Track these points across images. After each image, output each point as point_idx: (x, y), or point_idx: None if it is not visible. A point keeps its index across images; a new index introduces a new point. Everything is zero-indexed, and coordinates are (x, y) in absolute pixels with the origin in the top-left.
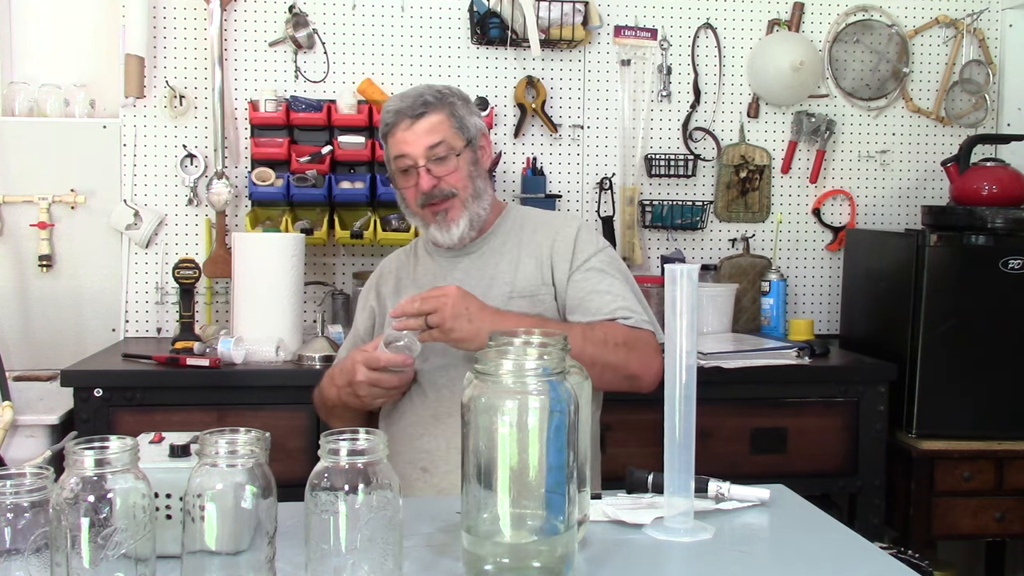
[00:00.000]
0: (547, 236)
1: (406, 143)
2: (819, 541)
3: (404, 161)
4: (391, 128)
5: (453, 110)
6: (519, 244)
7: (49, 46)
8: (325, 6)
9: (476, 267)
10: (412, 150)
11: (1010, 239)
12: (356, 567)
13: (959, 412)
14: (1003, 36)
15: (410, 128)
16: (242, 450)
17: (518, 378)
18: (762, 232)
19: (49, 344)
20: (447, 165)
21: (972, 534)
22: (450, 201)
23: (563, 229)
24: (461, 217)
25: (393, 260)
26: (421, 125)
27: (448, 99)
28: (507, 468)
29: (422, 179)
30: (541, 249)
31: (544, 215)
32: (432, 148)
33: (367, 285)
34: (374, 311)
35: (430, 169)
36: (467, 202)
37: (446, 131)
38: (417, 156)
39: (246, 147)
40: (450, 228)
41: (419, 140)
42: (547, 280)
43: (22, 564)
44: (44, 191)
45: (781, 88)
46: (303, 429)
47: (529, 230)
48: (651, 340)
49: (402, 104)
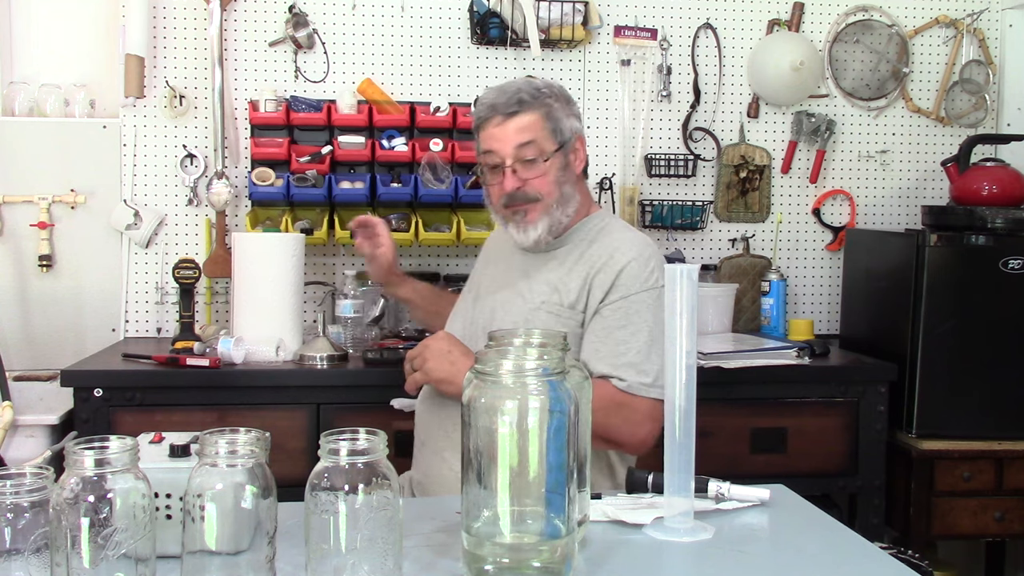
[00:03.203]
0: (600, 257)
1: (495, 140)
2: (819, 541)
3: (491, 158)
4: (483, 122)
5: (549, 111)
6: (579, 258)
7: (49, 46)
8: (325, 6)
9: (534, 266)
10: (500, 148)
11: (1010, 239)
12: (356, 567)
13: (959, 412)
14: (1003, 36)
15: (501, 125)
16: (242, 450)
17: (518, 378)
18: (762, 232)
19: (49, 344)
20: (535, 168)
21: (972, 534)
22: (532, 205)
23: (617, 255)
24: (540, 221)
25: (495, 239)
26: (513, 124)
27: (545, 98)
28: (507, 468)
29: (507, 180)
30: (591, 268)
31: (614, 235)
32: (521, 148)
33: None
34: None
35: (516, 170)
36: (550, 208)
37: (538, 132)
38: (505, 155)
39: (246, 147)
40: (527, 230)
41: (509, 139)
42: (580, 306)
43: (22, 564)
44: (44, 191)
45: (781, 88)
46: (303, 429)
47: (597, 247)
48: (643, 407)
49: (497, 99)
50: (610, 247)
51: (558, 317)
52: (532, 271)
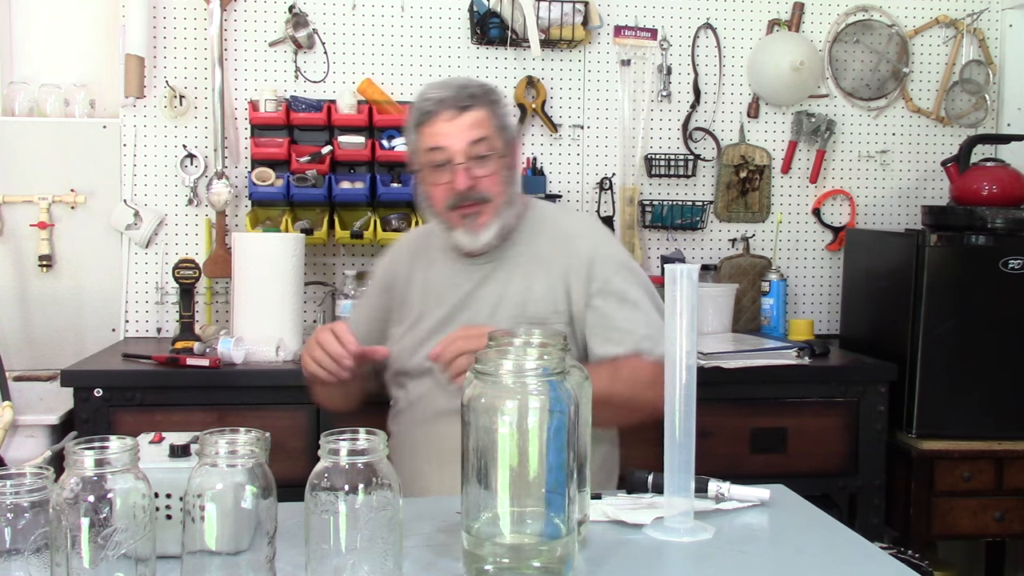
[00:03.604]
0: (562, 254)
1: (446, 135)
2: (819, 541)
3: (439, 155)
4: (429, 117)
5: (497, 108)
6: (534, 259)
7: (49, 46)
8: (325, 6)
9: (489, 281)
10: (452, 144)
11: (1010, 239)
12: (356, 567)
13: (959, 412)
14: (1003, 36)
15: (452, 120)
16: (242, 450)
17: (518, 378)
18: (762, 232)
19: (49, 344)
20: (486, 166)
21: (972, 534)
22: (483, 206)
23: (579, 245)
24: (492, 223)
25: (406, 250)
26: (465, 119)
27: (492, 96)
28: (507, 468)
29: (459, 178)
30: (554, 269)
31: (560, 222)
32: (474, 144)
33: (380, 272)
34: (385, 303)
35: (469, 168)
36: (500, 209)
37: (489, 129)
38: (456, 152)
39: (246, 147)
40: (479, 233)
41: (462, 134)
42: (560, 307)
43: (22, 564)
44: (44, 191)
45: (781, 88)
46: (303, 429)
47: (545, 241)
48: None
49: (445, 93)
50: (566, 241)
51: (542, 326)
52: (482, 292)
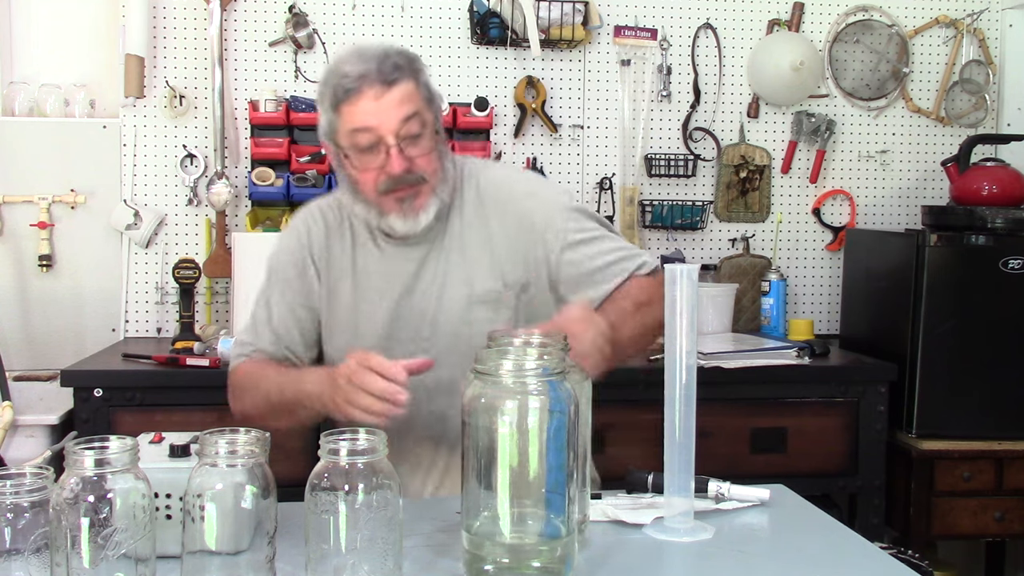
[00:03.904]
0: (502, 224)
1: (373, 114)
2: (819, 541)
3: (366, 137)
4: (351, 95)
5: (422, 77)
6: (473, 233)
7: (49, 46)
8: (325, 6)
9: (429, 262)
10: (382, 124)
11: (1010, 239)
12: (356, 567)
13: (959, 412)
14: (1003, 36)
15: (380, 97)
16: (242, 450)
17: (518, 378)
18: (762, 232)
19: (49, 344)
20: (420, 144)
21: (972, 534)
22: (419, 187)
23: (521, 209)
24: (430, 204)
25: (319, 227)
26: (394, 94)
27: (416, 64)
28: (507, 468)
29: (393, 161)
30: (498, 241)
31: (493, 190)
32: (405, 122)
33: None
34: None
35: (402, 149)
36: (437, 187)
37: (418, 102)
38: (387, 132)
39: (246, 147)
40: (417, 216)
41: (391, 112)
42: (510, 279)
43: (22, 564)
44: (44, 191)
45: (781, 88)
46: (303, 429)
47: (483, 212)
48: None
49: (366, 66)
50: (502, 210)
51: (495, 304)
52: (426, 272)
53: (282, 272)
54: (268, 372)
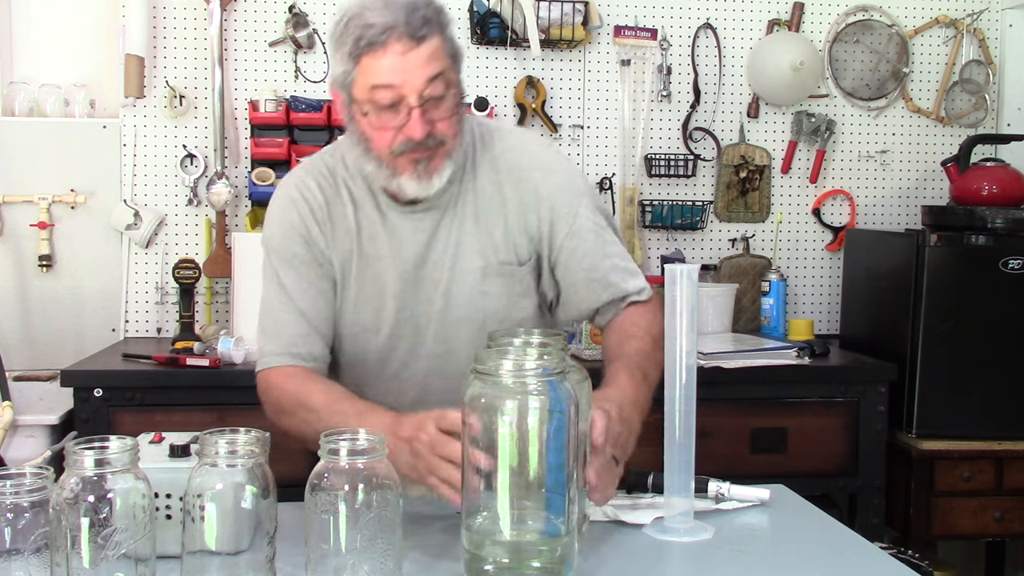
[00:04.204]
0: (516, 192)
1: (398, 73)
2: (819, 541)
3: (387, 94)
4: (375, 48)
5: (448, 31)
6: (486, 200)
7: (49, 46)
8: (325, 6)
9: (442, 229)
10: (406, 83)
11: (1010, 239)
12: (356, 567)
13: (959, 412)
14: (1003, 36)
15: (407, 53)
16: (242, 450)
17: (518, 378)
18: (762, 232)
19: (49, 344)
20: (442, 107)
21: (972, 534)
22: (435, 150)
23: (535, 182)
24: (444, 168)
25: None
26: (422, 52)
27: (443, 17)
28: (507, 468)
29: (414, 123)
30: (511, 209)
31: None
32: (431, 83)
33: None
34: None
35: (425, 111)
36: (452, 152)
37: (445, 61)
38: (411, 92)
39: (246, 147)
40: (431, 179)
41: (417, 72)
42: (522, 253)
43: (22, 564)
44: (44, 191)
45: (781, 88)
46: None
47: (497, 179)
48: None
49: (393, 16)
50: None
51: (510, 278)
52: (438, 241)
53: (287, 249)
54: (315, 400)
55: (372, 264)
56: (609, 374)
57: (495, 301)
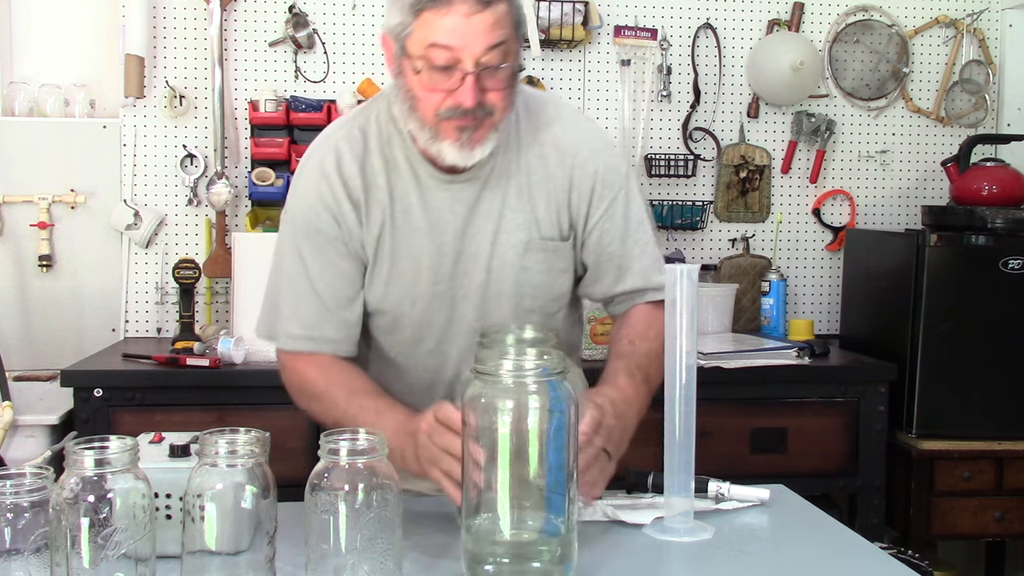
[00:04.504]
0: (560, 166)
1: (459, 35)
2: (819, 541)
3: (443, 55)
4: (439, 5)
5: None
6: (530, 174)
7: (49, 46)
8: (325, 6)
9: (483, 201)
10: (466, 47)
11: (1010, 239)
12: (356, 567)
13: (959, 412)
14: (1003, 36)
15: (472, 16)
16: (242, 450)
17: (518, 378)
18: (762, 232)
19: (49, 344)
20: (498, 76)
21: (972, 534)
22: (483, 120)
23: (580, 159)
24: (488, 139)
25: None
26: (487, 17)
27: None
28: (507, 468)
29: (466, 90)
30: (556, 184)
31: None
32: (491, 51)
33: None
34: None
35: (480, 79)
36: (499, 124)
37: (507, 29)
38: (469, 58)
39: (246, 147)
40: (473, 150)
41: (480, 37)
42: (564, 230)
43: (22, 564)
44: (44, 191)
45: (781, 88)
46: (303, 429)
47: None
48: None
49: None
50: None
51: (554, 253)
52: (478, 214)
53: (312, 224)
54: (336, 391)
55: (406, 236)
56: (609, 371)
57: (536, 276)
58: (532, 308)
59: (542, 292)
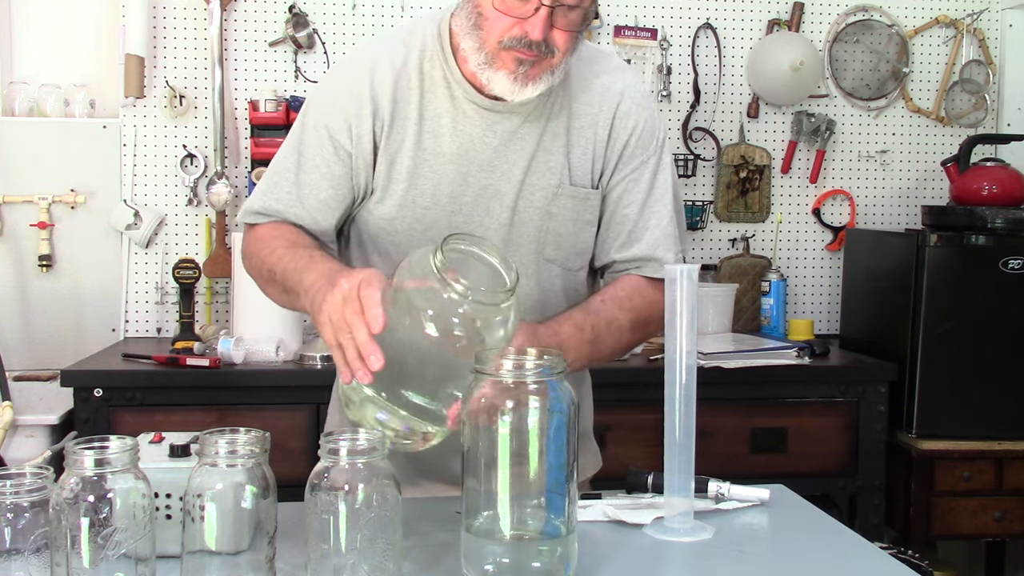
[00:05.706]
0: (600, 113)
1: None
2: (819, 541)
3: None
4: None
5: None
6: (571, 117)
7: (49, 46)
8: (325, 6)
9: (518, 138)
10: None
11: (1010, 239)
12: (356, 567)
13: (959, 412)
14: (1003, 36)
15: None
16: (242, 450)
17: (518, 378)
18: (762, 232)
19: (49, 344)
20: (570, 17)
21: (972, 534)
22: (543, 58)
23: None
24: (543, 79)
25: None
26: None
27: None
28: (507, 468)
29: (536, 21)
30: (599, 132)
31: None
32: None
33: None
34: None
35: (553, 14)
36: (556, 67)
37: None
38: None
39: (246, 147)
40: (526, 86)
41: None
42: (596, 179)
43: (22, 564)
44: (44, 191)
45: (781, 88)
46: (303, 429)
47: (588, 98)
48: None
49: None
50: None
51: (584, 201)
52: (511, 149)
53: (322, 121)
54: (278, 244)
55: (431, 159)
56: (562, 315)
57: (562, 224)
58: (553, 259)
59: (566, 243)
